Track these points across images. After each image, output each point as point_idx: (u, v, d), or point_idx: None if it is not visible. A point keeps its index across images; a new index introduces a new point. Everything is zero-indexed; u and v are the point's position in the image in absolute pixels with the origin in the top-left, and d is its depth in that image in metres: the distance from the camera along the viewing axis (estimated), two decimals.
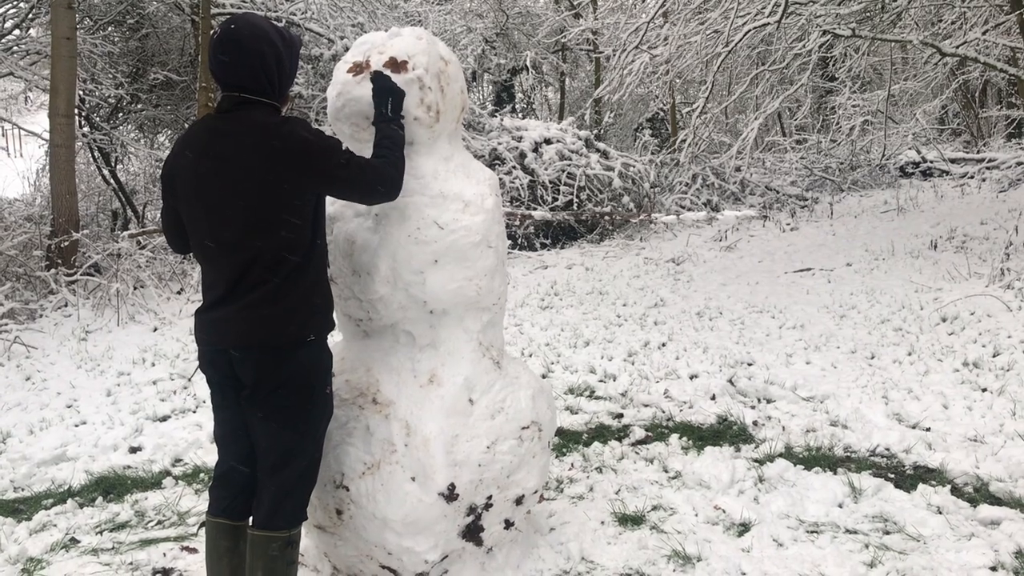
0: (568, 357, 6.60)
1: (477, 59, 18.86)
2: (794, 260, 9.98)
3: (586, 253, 11.88)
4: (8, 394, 6.29)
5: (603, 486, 4.17)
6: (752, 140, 11.00)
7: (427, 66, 3.12)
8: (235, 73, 2.67)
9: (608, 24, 14.71)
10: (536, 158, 13.30)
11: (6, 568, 3.58)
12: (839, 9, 9.53)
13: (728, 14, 9.27)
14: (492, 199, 3.24)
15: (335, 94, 3.18)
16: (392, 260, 3.07)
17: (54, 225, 9.38)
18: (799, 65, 11.04)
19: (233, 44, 2.65)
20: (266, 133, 2.62)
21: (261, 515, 2.82)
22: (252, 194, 2.60)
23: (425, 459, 3.01)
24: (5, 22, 11.80)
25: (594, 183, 13.47)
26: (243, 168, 2.60)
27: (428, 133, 3.18)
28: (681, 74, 12.19)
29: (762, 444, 4.64)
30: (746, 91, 12.38)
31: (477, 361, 3.23)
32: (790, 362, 6.14)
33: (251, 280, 2.66)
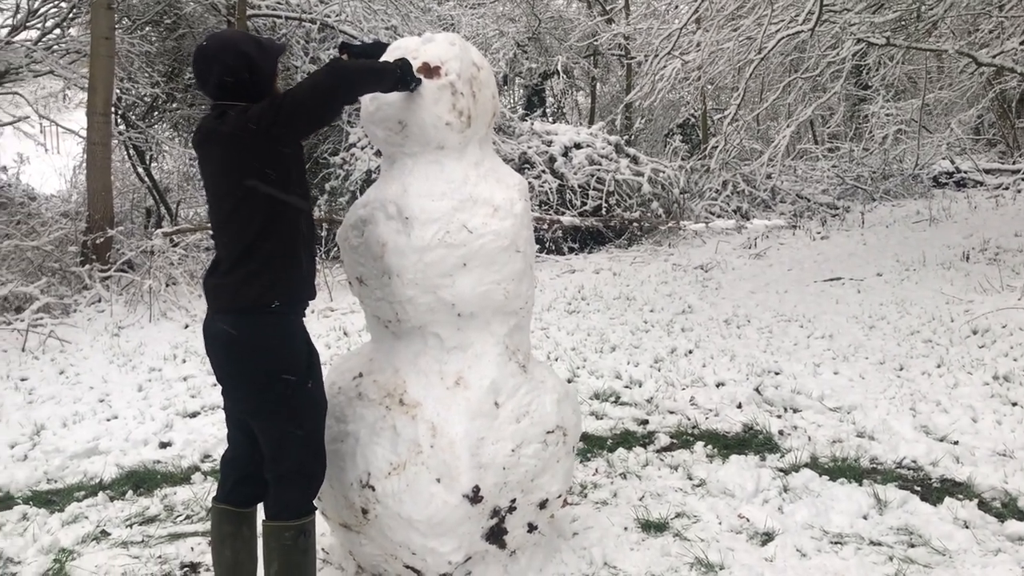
0: (594, 362, 6.61)
1: (508, 63, 18.92)
2: (824, 269, 9.93)
3: (614, 258, 11.88)
4: (43, 387, 6.40)
5: (627, 492, 4.18)
6: (784, 147, 10.96)
7: (460, 72, 3.15)
8: (208, 85, 2.87)
9: (640, 29, 14.71)
10: (566, 162, 13.32)
11: (39, 558, 3.66)
12: (874, 17, 9.47)
13: (761, 21, 9.25)
14: (521, 204, 3.27)
15: (369, 98, 3.22)
16: (421, 263, 3.10)
17: (89, 221, 9.53)
18: (832, 73, 10.97)
19: (206, 59, 2.86)
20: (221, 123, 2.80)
21: (269, 506, 2.93)
22: (218, 179, 2.85)
23: (451, 460, 3.03)
24: (46, 21, 12.00)
25: (623, 188, 13.47)
26: (210, 154, 2.85)
27: (459, 138, 3.21)
28: (713, 80, 12.16)
29: (788, 454, 4.63)
30: (778, 98, 12.33)
31: (503, 364, 3.25)
32: (818, 372, 6.11)
33: (222, 252, 2.87)
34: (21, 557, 3.68)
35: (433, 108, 3.13)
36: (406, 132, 3.18)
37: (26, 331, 7.58)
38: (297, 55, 13.13)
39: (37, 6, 11.94)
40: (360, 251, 3.23)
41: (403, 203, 3.14)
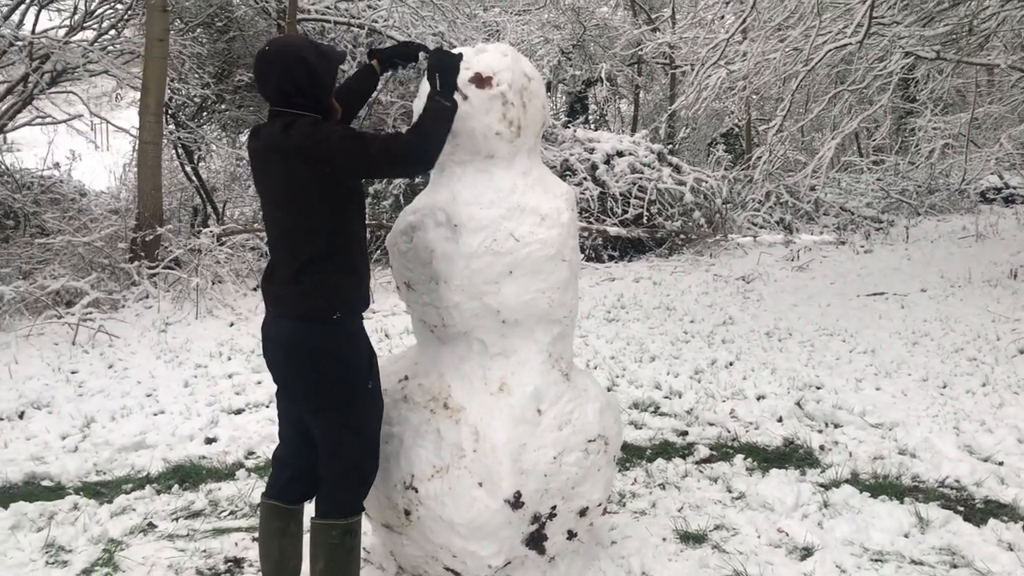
0: (633, 372, 6.61)
1: (552, 70, 18.97)
2: (867, 283, 9.84)
3: (654, 267, 11.86)
4: (92, 380, 6.54)
5: (666, 503, 4.19)
6: (828, 159, 10.87)
7: (511, 82, 3.20)
8: (269, 90, 2.91)
9: (686, 39, 14.67)
10: (607, 170, 13.32)
11: (89, 547, 3.75)
12: (924, 31, 9.38)
13: (809, 32, 9.19)
14: (568, 214, 3.30)
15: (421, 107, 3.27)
16: (468, 269, 3.14)
17: (139, 219, 9.73)
18: (879, 86, 10.88)
19: (267, 64, 2.89)
20: (300, 138, 2.81)
21: (320, 504, 3.01)
22: (279, 188, 2.87)
23: (493, 465, 3.07)
24: (102, 22, 12.25)
25: (665, 197, 13.44)
26: (273, 159, 2.86)
27: (509, 148, 3.26)
28: (758, 91, 12.11)
29: (828, 469, 4.60)
30: (824, 110, 12.24)
31: (547, 372, 3.28)
32: (859, 387, 6.07)
33: (281, 260, 2.92)
34: (72, 546, 3.78)
35: (484, 118, 3.18)
36: (456, 141, 3.23)
37: (77, 325, 7.75)
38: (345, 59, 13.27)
39: (94, 7, 12.21)
40: (409, 256, 3.28)
41: (452, 210, 3.19)
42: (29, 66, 10.59)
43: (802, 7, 9.27)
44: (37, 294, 8.32)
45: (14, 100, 11.71)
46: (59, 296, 8.53)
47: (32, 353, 7.25)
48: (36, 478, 4.65)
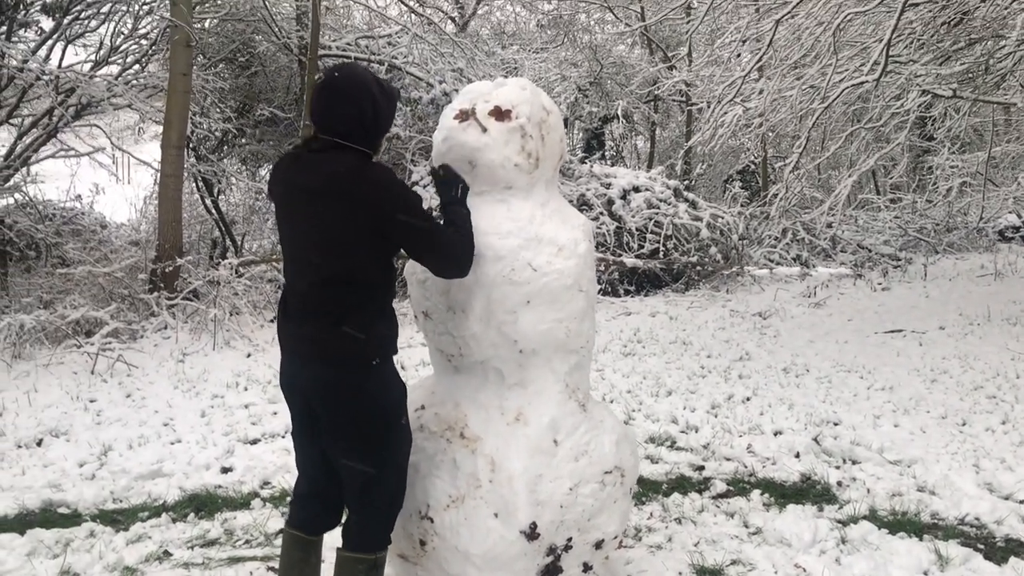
0: (650, 406, 6.59)
1: (570, 106, 19.09)
2: (885, 320, 9.79)
3: (671, 302, 11.85)
4: (110, 409, 6.58)
5: (682, 537, 4.17)
6: (845, 197, 10.88)
7: (530, 115, 3.24)
8: (333, 119, 2.85)
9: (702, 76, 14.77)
10: (624, 205, 13.37)
11: (105, 574, 3.76)
12: (940, 69, 9.43)
13: (825, 70, 9.24)
14: (585, 244, 3.32)
15: (441, 139, 3.32)
16: (486, 299, 3.16)
17: (159, 250, 9.82)
18: (896, 124, 10.91)
19: (335, 92, 2.85)
20: (354, 174, 2.79)
21: (349, 538, 2.99)
22: (332, 225, 2.78)
23: (509, 496, 3.07)
24: (127, 57, 12.47)
25: (681, 232, 13.46)
26: (327, 201, 2.77)
27: (527, 179, 3.29)
28: (774, 128, 12.14)
29: (846, 505, 4.57)
30: (841, 147, 12.26)
31: (563, 402, 3.29)
32: (877, 424, 6.03)
33: (318, 306, 2.84)
34: (88, 573, 3.79)
35: (503, 150, 3.22)
36: (475, 172, 3.27)
37: (96, 354, 7.81)
38: None
39: (119, 43, 12.42)
40: (427, 286, 3.30)
41: None
42: (55, 100, 10.76)
43: (819, 45, 9.32)
44: (57, 323, 8.40)
45: (39, 133, 11.89)
46: (79, 326, 8.60)
47: (51, 382, 7.30)
48: (53, 505, 4.67)
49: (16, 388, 7.11)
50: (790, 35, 9.71)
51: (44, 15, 11.36)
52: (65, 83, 10.68)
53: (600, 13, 21.67)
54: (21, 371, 7.55)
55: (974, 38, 9.45)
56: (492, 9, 20.83)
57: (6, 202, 11.47)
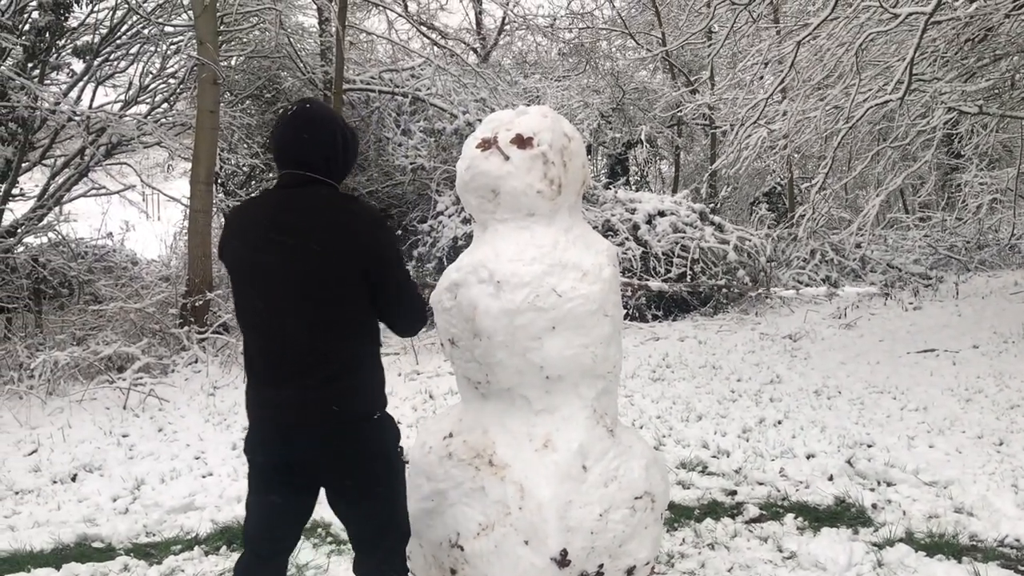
0: (680, 431, 6.54)
1: (592, 133, 19.17)
2: (917, 340, 9.67)
3: (699, 326, 11.78)
4: (142, 444, 6.64)
5: (715, 563, 4.12)
6: (873, 217, 10.80)
7: (551, 142, 3.26)
8: (307, 151, 2.73)
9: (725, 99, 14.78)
10: (649, 230, 13.35)
11: None
12: (966, 86, 9.37)
13: (849, 90, 9.22)
14: (610, 269, 3.32)
15: (464, 167, 3.35)
16: (512, 325, 3.17)
17: (189, 285, 9.94)
18: (923, 142, 10.83)
19: (312, 123, 2.76)
20: (343, 205, 2.72)
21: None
22: (323, 264, 2.62)
23: (538, 523, 3.05)
24: (156, 96, 12.70)
25: (708, 256, 13.42)
26: (316, 236, 2.63)
27: (550, 205, 3.30)
28: (800, 149, 12.10)
29: (881, 528, 4.49)
30: (867, 167, 12.20)
31: (591, 428, 3.28)
32: (912, 445, 5.94)
33: (299, 359, 2.66)
34: None
35: (525, 177, 3.24)
36: (498, 200, 3.29)
37: (128, 390, 7.89)
38: (389, 127, 13.58)
39: (148, 82, 12.67)
40: (452, 313, 3.32)
41: (494, 267, 3.23)
42: (86, 139, 10.97)
43: (841, 66, 9.30)
44: (90, 359, 8.50)
45: (71, 172, 12.11)
46: (111, 361, 8.71)
47: (85, 417, 7.38)
48: (88, 540, 4.71)
49: (51, 424, 7.20)
50: (812, 56, 9.71)
51: (75, 57, 11.61)
52: (96, 123, 10.88)
53: (621, 40, 21.81)
54: (55, 407, 7.64)
55: (999, 54, 9.40)
56: (513, 39, 21.02)
57: (40, 241, 11.68)
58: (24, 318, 11.07)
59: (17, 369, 8.40)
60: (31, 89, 9.48)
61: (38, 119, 10.71)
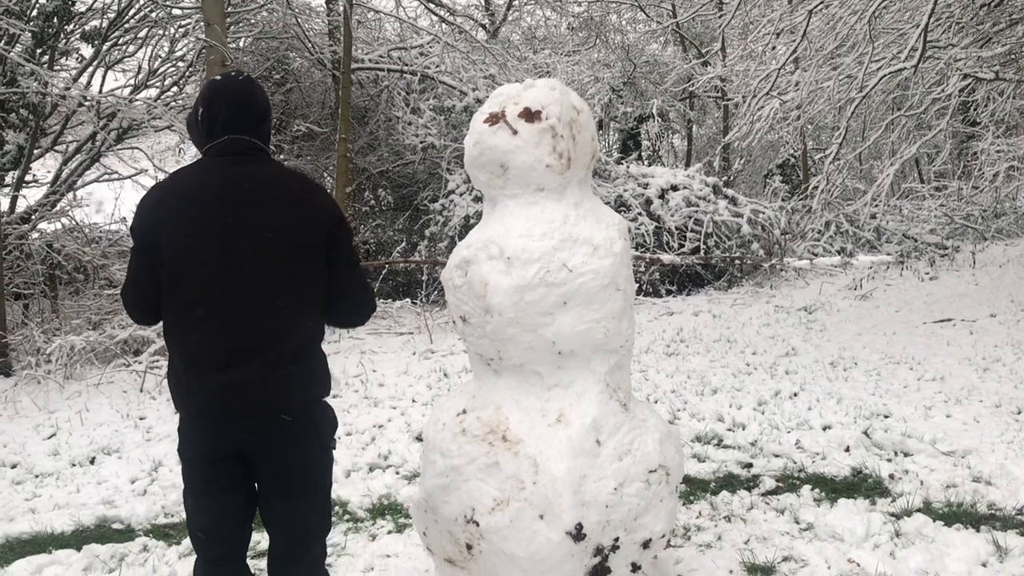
0: (695, 405, 6.53)
1: (604, 108, 19.07)
2: (933, 310, 9.62)
3: (713, 300, 11.75)
4: (160, 426, 6.68)
5: (731, 535, 4.11)
6: (888, 187, 10.71)
7: (560, 115, 3.23)
8: (254, 119, 2.63)
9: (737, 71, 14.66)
10: (662, 204, 13.29)
11: None
12: (981, 52, 9.24)
13: (862, 59, 9.12)
14: (621, 243, 3.30)
15: (472, 143, 3.32)
16: (523, 301, 3.15)
17: None
18: (938, 110, 10.72)
19: (254, 91, 2.67)
20: (301, 177, 2.66)
21: None
22: (286, 234, 2.52)
23: (553, 497, 3.05)
24: (165, 80, 12.70)
25: (722, 229, 13.36)
26: (279, 206, 2.53)
27: (559, 180, 3.27)
28: (812, 120, 12.00)
29: (899, 498, 4.47)
30: (881, 137, 12.08)
31: (604, 403, 3.26)
32: (929, 415, 5.91)
33: (276, 335, 2.53)
34: None
35: (534, 151, 3.21)
36: (507, 175, 3.27)
37: (144, 372, 7.94)
38: (399, 106, 13.54)
39: (157, 66, 12.66)
40: (463, 290, 3.30)
41: (504, 243, 3.20)
42: (97, 124, 10.99)
43: (854, 34, 9.20)
44: (106, 343, 8.55)
45: (83, 158, 12.14)
46: (127, 345, 8.76)
47: (102, 401, 7.43)
48: (107, 521, 4.74)
49: (69, 408, 7.25)
50: (824, 25, 9.60)
51: (83, 42, 11.62)
52: (106, 108, 10.90)
53: (631, 12, 21.63)
54: (73, 391, 7.70)
55: (1015, 18, 9.26)
56: (522, 14, 20.89)
57: (54, 227, 11.73)
58: (40, 303, 11.15)
59: (35, 354, 8.46)
60: (41, 75, 9.49)
61: (48, 105, 10.73)
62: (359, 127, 13.74)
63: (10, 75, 9.76)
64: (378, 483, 5.05)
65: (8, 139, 10.73)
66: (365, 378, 7.91)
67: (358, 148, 13.70)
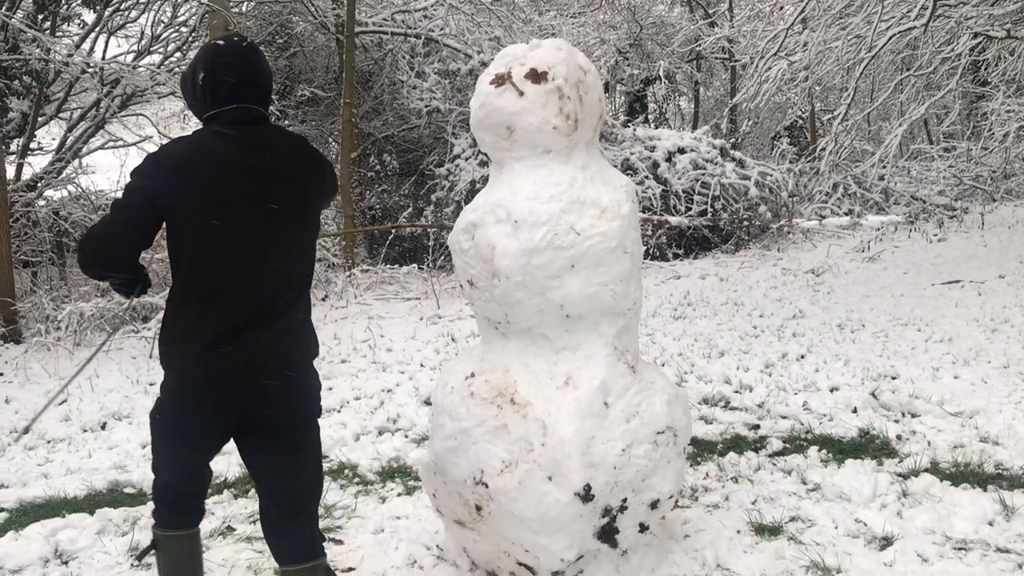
0: (702, 367, 6.54)
1: (610, 70, 18.90)
2: (942, 272, 9.59)
3: (720, 263, 11.72)
4: None
5: (739, 496, 4.14)
6: (896, 148, 10.64)
7: (566, 76, 3.20)
8: (263, 88, 2.66)
9: (745, 32, 14.51)
10: (669, 167, 13.22)
11: None
12: (992, 9, 9.12)
13: (871, 18, 9.01)
14: (628, 205, 3.28)
15: (478, 105, 3.29)
16: (530, 265, 3.15)
17: None
18: (948, 69, 10.61)
19: (260, 60, 2.66)
20: (307, 143, 2.73)
21: (304, 547, 2.82)
22: (309, 203, 2.66)
23: (561, 459, 3.07)
24: (168, 45, 12.62)
25: (729, 192, 13.29)
26: (301, 172, 2.63)
27: (566, 141, 3.25)
28: (820, 81, 11.90)
29: (906, 459, 4.49)
30: (890, 97, 11.98)
31: (612, 365, 3.27)
32: (937, 376, 5.91)
33: (284, 301, 2.61)
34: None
35: (540, 112, 3.19)
36: (514, 137, 3.25)
37: (153, 339, 7.96)
38: (403, 70, 13.44)
39: (160, 32, 12.58)
40: (470, 254, 3.30)
41: (511, 206, 3.19)
42: (100, 91, 10.94)
43: None
44: (115, 310, 8.58)
45: (87, 125, 12.11)
46: (135, 311, 8.78)
47: (112, 367, 7.47)
48: (119, 485, 4.78)
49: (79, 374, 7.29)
50: None
51: (85, 8, 11.53)
52: (110, 74, 10.85)
53: None
54: (82, 358, 7.72)
55: None
56: None
57: (60, 195, 11.73)
58: (48, 271, 11.19)
59: (44, 321, 8.50)
60: (43, 41, 9.44)
61: (52, 71, 10.68)
62: (363, 91, 13.66)
63: (12, 41, 9.70)
64: (387, 446, 5.08)
65: (12, 106, 10.69)
66: (373, 343, 7.93)
67: (363, 113, 13.63)
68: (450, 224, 10.56)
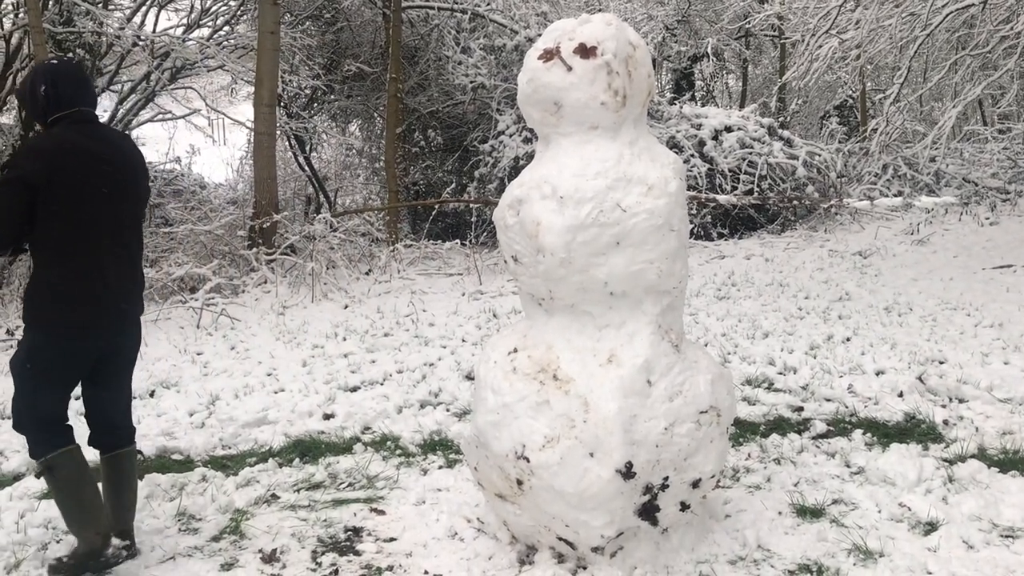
0: (746, 348, 6.49)
1: (657, 47, 18.69)
2: (993, 256, 9.40)
3: (766, 244, 11.60)
4: (216, 361, 6.83)
5: (781, 477, 4.11)
6: (949, 129, 10.41)
7: (616, 51, 3.17)
8: (93, 94, 3.46)
9: (795, 9, 14.25)
10: (715, 146, 13.08)
11: (217, 516, 3.93)
12: None
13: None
14: (676, 183, 3.26)
15: (526, 80, 3.28)
16: (575, 241, 3.14)
17: (256, 207, 10.08)
18: (1005, 49, 10.34)
19: (85, 73, 3.49)
20: (131, 141, 3.68)
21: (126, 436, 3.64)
22: (138, 190, 3.47)
23: (603, 436, 3.07)
24: (217, 19, 12.72)
25: (776, 172, 13.12)
26: (135, 166, 3.44)
27: (614, 117, 3.24)
28: (872, 59, 11.67)
29: (953, 444, 4.42)
30: (944, 77, 11.71)
31: (656, 343, 3.26)
32: (986, 361, 5.81)
33: (134, 263, 3.48)
34: (202, 515, 3.96)
35: (589, 88, 3.17)
36: (561, 113, 3.24)
37: (200, 309, 8.10)
38: (449, 45, 13.42)
39: (209, 5, 12.68)
40: (515, 230, 3.30)
41: (557, 182, 3.19)
42: (151, 64, 11.07)
43: None
44: (164, 281, 8.73)
45: (137, 98, 12.27)
46: (184, 282, 8.93)
47: (160, 336, 7.61)
48: (167, 452, 4.88)
49: None
50: None
51: None
52: (160, 47, 10.98)
53: None
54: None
55: None
56: None
57: None
58: None
59: None
60: (96, 14, 9.56)
61: (104, 44, 10.83)
62: (409, 67, 13.65)
63: (66, 14, 9.85)
64: (429, 419, 5.12)
65: None
66: (416, 317, 7.98)
67: (408, 88, 13.64)
68: (495, 200, 10.56)
